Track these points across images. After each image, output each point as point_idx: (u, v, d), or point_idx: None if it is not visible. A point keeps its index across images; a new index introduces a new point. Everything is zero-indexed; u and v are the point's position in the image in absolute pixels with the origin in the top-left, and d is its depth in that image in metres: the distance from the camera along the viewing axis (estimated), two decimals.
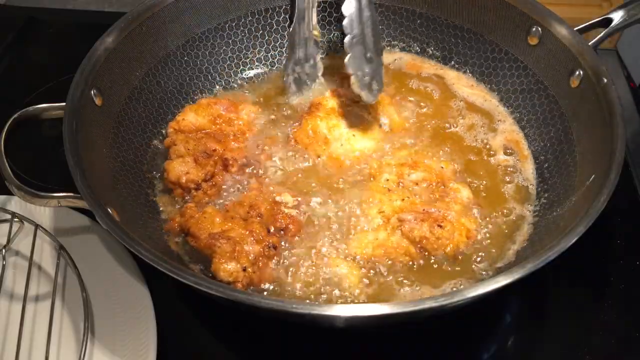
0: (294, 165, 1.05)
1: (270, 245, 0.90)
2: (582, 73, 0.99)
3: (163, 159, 1.06)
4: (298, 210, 0.96)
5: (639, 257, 1.04)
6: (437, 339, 0.94)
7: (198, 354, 0.94)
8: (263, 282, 0.88)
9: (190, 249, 0.92)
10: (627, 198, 1.14)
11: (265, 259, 0.89)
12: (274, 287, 0.88)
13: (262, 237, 0.90)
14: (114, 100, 1.02)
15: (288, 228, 0.93)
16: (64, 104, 0.91)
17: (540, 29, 1.06)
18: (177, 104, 1.15)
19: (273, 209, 0.94)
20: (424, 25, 1.22)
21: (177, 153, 1.02)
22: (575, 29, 1.03)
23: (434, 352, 0.94)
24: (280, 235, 0.92)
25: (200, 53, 1.19)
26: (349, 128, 1.07)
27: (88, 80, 0.96)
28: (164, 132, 1.10)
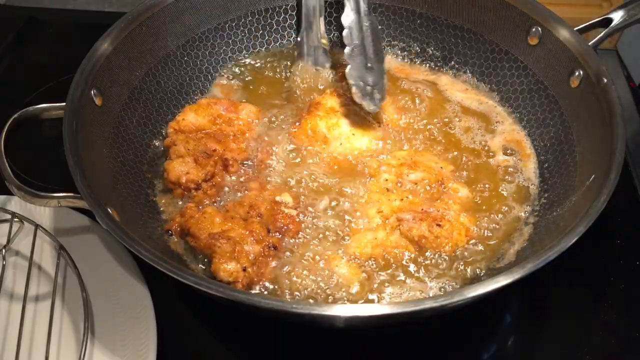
0: (294, 165, 1.05)
1: (270, 245, 0.90)
2: (582, 73, 0.99)
3: (163, 159, 1.06)
4: (298, 210, 0.96)
5: (639, 257, 1.04)
6: (437, 339, 0.94)
7: (198, 354, 0.94)
8: (263, 282, 0.88)
9: (190, 249, 0.92)
10: (627, 198, 1.14)
11: (265, 259, 0.89)
12: (274, 287, 0.88)
13: (262, 237, 0.90)
14: (114, 100, 1.02)
15: (288, 228, 0.93)
16: (64, 104, 0.91)
17: (540, 29, 1.06)
18: (177, 104, 1.15)
19: (273, 209, 0.94)
20: (424, 25, 1.22)
21: (177, 153, 1.02)
22: (575, 29, 1.03)
23: (434, 352, 0.94)
24: (280, 235, 0.92)
25: (200, 53, 1.19)
26: (349, 127, 1.07)
27: (88, 80, 0.96)
28: (164, 132, 1.10)
